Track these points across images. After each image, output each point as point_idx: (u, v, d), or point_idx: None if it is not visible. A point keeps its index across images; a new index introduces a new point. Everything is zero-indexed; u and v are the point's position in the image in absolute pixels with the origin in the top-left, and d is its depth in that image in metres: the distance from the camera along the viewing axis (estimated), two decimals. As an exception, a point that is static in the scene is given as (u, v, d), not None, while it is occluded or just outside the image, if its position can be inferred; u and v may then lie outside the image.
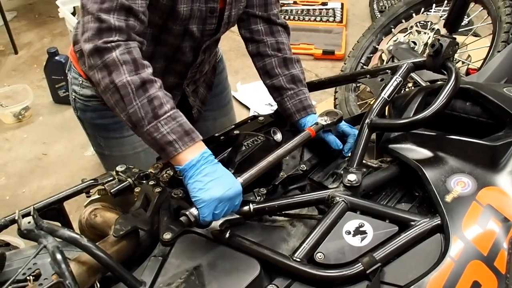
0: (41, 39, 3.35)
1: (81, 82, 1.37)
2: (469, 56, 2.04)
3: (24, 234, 0.87)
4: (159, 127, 0.94)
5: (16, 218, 0.87)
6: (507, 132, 1.01)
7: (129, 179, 1.14)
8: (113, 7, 0.97)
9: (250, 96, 2.69)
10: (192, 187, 0.93)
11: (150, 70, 0.99)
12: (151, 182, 1.11)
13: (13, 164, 2.34)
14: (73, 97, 1.43)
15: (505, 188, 0.94)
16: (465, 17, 2.34)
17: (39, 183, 2.22)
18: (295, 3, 3.52)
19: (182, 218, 0.92)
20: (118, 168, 1.16)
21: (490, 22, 1.94)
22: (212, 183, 0.92)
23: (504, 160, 0.96)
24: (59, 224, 1.11)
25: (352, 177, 1.00)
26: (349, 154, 1.22)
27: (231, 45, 3.08)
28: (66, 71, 1.48)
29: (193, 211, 0.92)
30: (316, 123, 1.20)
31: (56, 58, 2.59)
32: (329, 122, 1.20)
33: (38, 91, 2.81)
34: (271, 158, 1.06)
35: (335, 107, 2.34)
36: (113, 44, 0.96)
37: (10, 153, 2.41)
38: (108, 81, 0.95)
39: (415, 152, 1.05)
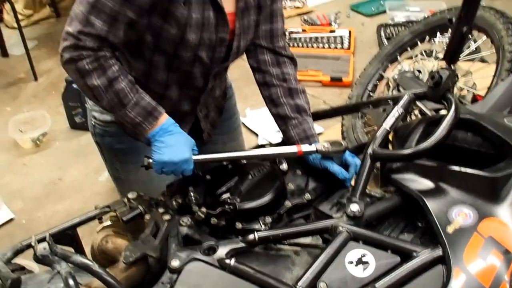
0: (60, 67, 3.44)
1: (101, 108, 1.44)
2: (474, 83, 2.07)
3: (40, 260, 0.91)
4: (127, 113, 1.19)
5: (33, 244, 0.92)
6: (507, 163, 1.03)
7: (140, 207, 1.18)
8: (91, 33, 1.12)
9: (259, 122, 2.73)
10: (152, 149, 1.21)
11: (115, 67, 1.17)
12: (161, 210, 1.16)
13: (30, 189, 2.41)
14: (93, 123, 1.51)
15: (506, 219, 0.96)
16: (472, 42, 2.39)
17: (54, 207, 2.28)
18: (304, 31, 3.59)
19: (144, 160, 1.22)
20: (130, 195, 1.20)
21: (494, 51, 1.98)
22: (164, 149, 1.19)
23: (505, 191, 0.98)
24: (72, 250, 1.16)
25: (354, 207, 1.02)
26: (351, 184, 1.25)
27: (241, 73, 3.13)
28: (85, 98, 1.54)
29: (151, 161, 1.21)
30: (310, 144, 1.24)
31: (74, 85, 2.67)
32: (324, 149, 1.22)
33: (56, 117, 2.88)
34: (237, 154, 1.22)
35: (342, 133, 2.37)
36: (84, 55, 1.13)
37: (28, 178, 2.48)
38: (82, 83, 1.17)
39: (417, 182, 1.07)
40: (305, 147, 1.23)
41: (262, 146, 1.44)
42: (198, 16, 1.19)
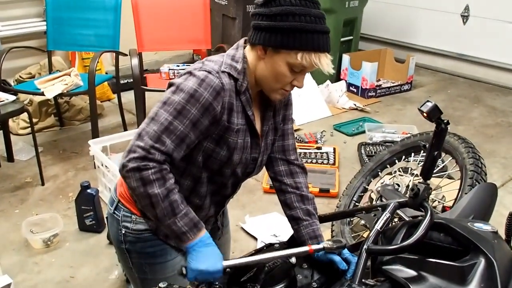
0: (66, 173, 3.66)
1: (134, 219, 1.57)
2: (443, 196, 2.41)
3: None
4: (176, 222, 1.35)
5: None
6: (471, 256, 1.29)
7: (171, 295, 1.35)
8: (161, 149, 1.32)
9: (257, 228, 2.98)
10: (188, 258, 1.37)
11: (172, 180, 1.35)
12: (190, 297, 1.35)
13: (43, 286, 2.51)
14: (123, 232, 1.58)
15: (473, 298, 1.21)
16: (441, 162, 2.77)
17: (66, 304, 2.37)
18: (294, 146, 3.96)
19: (182, 269, 1.37)
20: (161, 285, 1.39)
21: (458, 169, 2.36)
22: (200, 260, 1.35)
23: (470, 277, 1.23)
24: None
25: (354, 292, 1.27)
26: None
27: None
28: (112, 211, 1.61)
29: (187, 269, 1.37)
30: (318, 244, 1.48)
31: (88, 190, 2.91)
32: (329, 246, 1.46)
33: (65, 220, 3.05)
34: (261, 257, 1.38)
35: (331, 237, 2.63)
36: (150, 165, 1.31)
37: (40, 276, 2.59)
38: (142, 190, 1.32)
39: (403, 272, 1.31)
40: (315, 246, 1.47)
41: (271, 244, 1.70)
42: (241, 141, 1.46)
